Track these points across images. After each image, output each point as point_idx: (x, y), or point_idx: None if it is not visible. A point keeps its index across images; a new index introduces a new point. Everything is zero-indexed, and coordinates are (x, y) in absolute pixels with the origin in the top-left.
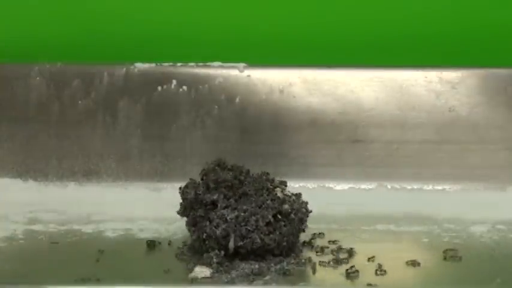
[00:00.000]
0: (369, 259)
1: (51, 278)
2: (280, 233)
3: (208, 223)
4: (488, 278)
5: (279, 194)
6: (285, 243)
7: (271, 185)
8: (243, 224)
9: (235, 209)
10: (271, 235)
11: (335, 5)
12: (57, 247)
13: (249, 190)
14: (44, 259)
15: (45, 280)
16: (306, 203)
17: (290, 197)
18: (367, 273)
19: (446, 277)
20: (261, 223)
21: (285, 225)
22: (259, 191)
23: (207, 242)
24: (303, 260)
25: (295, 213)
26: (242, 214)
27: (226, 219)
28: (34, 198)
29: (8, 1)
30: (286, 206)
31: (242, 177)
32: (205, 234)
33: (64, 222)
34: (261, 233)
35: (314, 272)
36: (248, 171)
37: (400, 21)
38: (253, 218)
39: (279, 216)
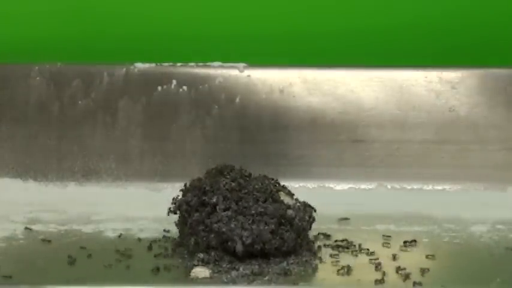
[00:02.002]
0: (369, 259)
1: (51, 278)
2: (281, 238)
3: (205, 227)
4: (488, 278)
5: (283, 197)
6: (285, 248)
7: (274, 188)
8: (247, 229)
9: (235, 211)
10: (272, 241)
11: (335, 5)
12: (57, 247)
13: (251, 194)
14: (44, 259)
15: (45, 280)
16: (313, 209)
17: (295, 202)
18: (367, 273)
19: (446, 277)
20: (263, 231)
21: (287, 231)
22: (262, 195)
23: (208, 242)
24: (303, 260)
25: (300, 219)
26: (243, 218)
27: (226, 223)
28: (34, 198)
29: (8, 1)
30: (290, 212)
31: (242, 181)
32: (203, 239)
33: (64, 222)
34: (261, 241)
35: (314, 272)
36: (250, 175)
37: (400, 21)
38: (255, 225)
39: (282, 221)
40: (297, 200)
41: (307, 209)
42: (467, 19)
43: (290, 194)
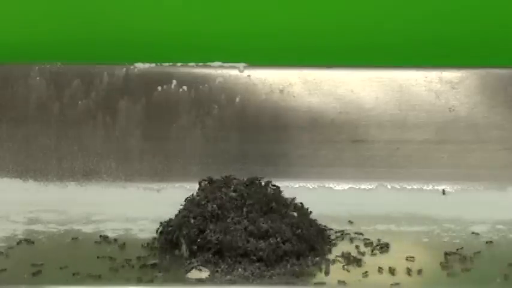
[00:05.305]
0: (368, 259)
1: (51, 278)
2: (284, 250)
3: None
4: (488, 278)
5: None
6: (285, 262)
7: (274, 202)
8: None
9: (236, 223)
10: (272, 253)
11: (335, 5)
12: (56, 247)
13: (251, 205)
14: (44, 259)
15: (45, 280)
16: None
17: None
18: (367, 274)
19: (446, 277)
20: (264, 246)
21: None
22: (264, 207)
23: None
24: (303, 261)
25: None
26: (240, 228)
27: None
28: (34, 198)
29: (8, 1)
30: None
31: (245, 194)
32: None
33: (64, 222)
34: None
35: (314, 272)
36: (252, 183)
37: (400, 21)
38: (253, 239)
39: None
40: (303, 210)
41: (312, 224)
42: (468, 19)
43: (296, 208)
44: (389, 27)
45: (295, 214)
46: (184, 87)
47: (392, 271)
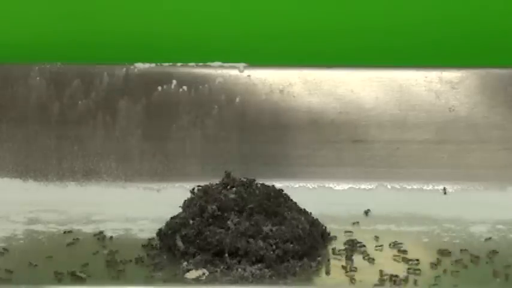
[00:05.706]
0: (369, 260)
1: (51, 278)
2: (284, 251)
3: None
4: (488, 278)
5: (290, 215)
6: (285, 263)
7: (276, 205)
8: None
9: (237, 223)
10: (272, 255)
11: (335, 5)
12: (56, 247)
13: (253, 208)
14: (44, 259)
15: (45, 280)
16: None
17: (304, 220)
18: (367, 274)
19: (446, 277)
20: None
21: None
22: (264, 210)
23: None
24: (303, 261)
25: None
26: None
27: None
28: (34, 198)
29: (8, 1)
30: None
31: (246, 195)
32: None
33: (64, 222)
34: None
35: (314, 272)
36: (254, 184)
37: (400, 21)
38: (253, 240)
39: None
40: (303, 211)
41: (312, 224)
42: (468, 19)
43: (299, 211)
44: (389, 28)
45: (295, 214)
46: (184, 87)
47: (392, 271)
